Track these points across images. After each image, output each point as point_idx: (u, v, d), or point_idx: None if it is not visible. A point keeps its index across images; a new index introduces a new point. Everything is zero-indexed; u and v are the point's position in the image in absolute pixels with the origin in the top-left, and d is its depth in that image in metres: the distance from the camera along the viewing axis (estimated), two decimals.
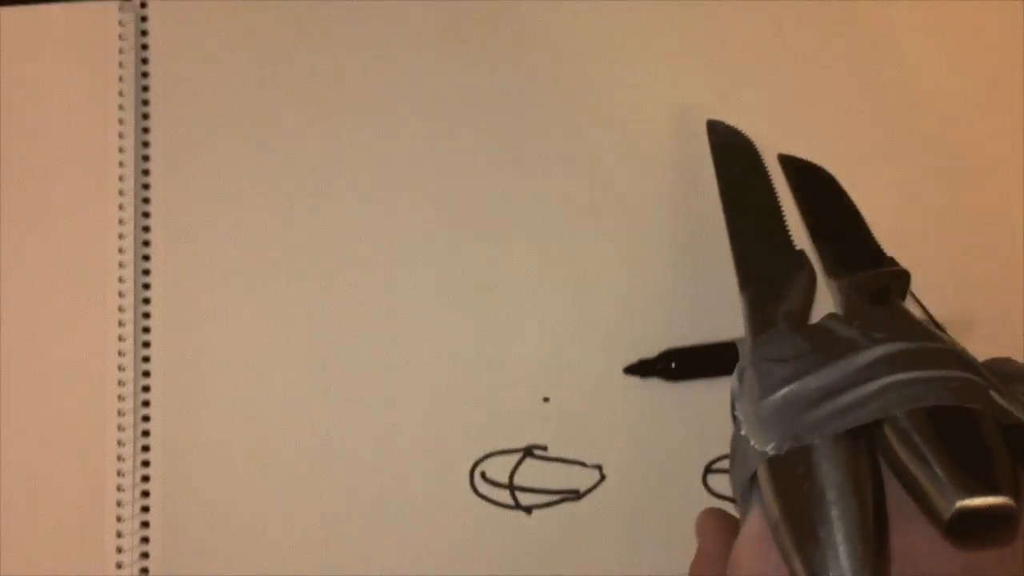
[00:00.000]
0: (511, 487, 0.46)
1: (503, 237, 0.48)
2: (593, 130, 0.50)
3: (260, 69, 0.50)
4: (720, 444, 0.46)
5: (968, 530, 0.28)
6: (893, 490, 0.30)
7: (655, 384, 0.47)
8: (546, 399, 0.47)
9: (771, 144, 0.48)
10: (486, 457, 0.46)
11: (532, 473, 0.46)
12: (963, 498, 0.28)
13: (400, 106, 0.50)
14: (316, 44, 0.50)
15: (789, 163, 0.47)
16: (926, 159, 0.49)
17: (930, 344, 0.33)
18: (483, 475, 0.46)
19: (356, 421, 0.46)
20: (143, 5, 0.50)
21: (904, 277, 0.41)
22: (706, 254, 0.48)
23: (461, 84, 0.50)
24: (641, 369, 0.47)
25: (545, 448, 0.46)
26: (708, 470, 0.46)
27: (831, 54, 0.50)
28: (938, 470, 0.29)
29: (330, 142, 0.49)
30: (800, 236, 0.44)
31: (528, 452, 0.46)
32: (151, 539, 0.45)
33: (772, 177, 0.47)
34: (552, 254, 0.48)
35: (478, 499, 0.46)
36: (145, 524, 0.45)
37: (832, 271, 0.43)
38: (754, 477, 0.32)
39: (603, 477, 0.46)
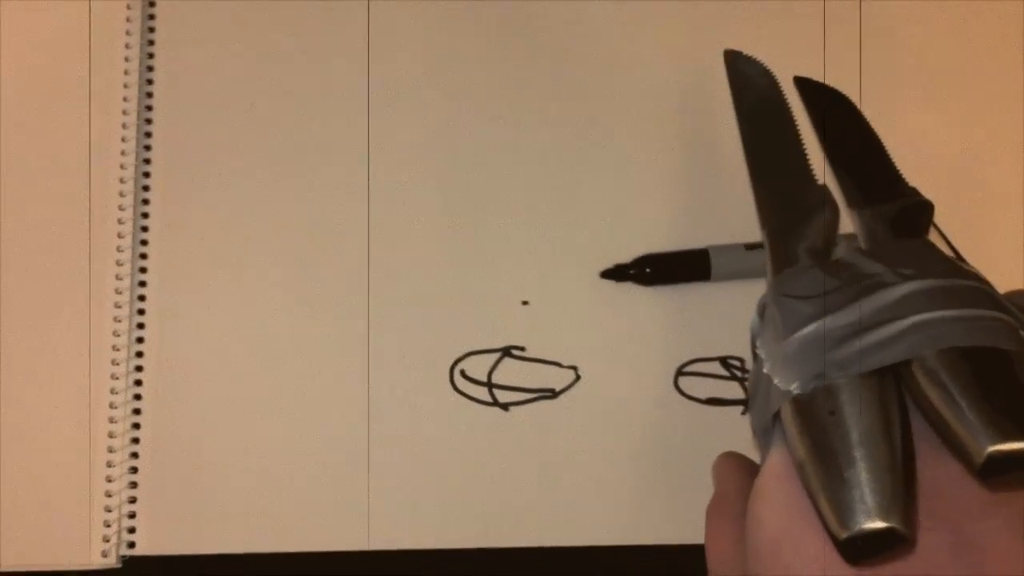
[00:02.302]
0: (489, 385, 0.48)
1: (484, 144, 0.49)
2: (579, 45, 0.51)
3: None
4: (691, 347, 0.48)
5: (1000, 472, 0.27)
6: (917, 425, 0.30)
7: (630, 288, 0.48)
8: (525, 302, 0.48)
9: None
10: (466, 356, 0.48)
11: (510, 372, 0.48)
12: (996, 442, 0.27)
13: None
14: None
15: (806, 86, 0.46)
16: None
17: (959, 281, 0.32)
18: (463, 373, 0.48)
19: (339, 322, 0.47)
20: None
21: (928, 208, 0.39)
22: (684, 163, 0.49)
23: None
24: (617, 273, 0.48)
25: (523, 349, 0.48)
26: (679, 372, 0.48)
27: None
28: (969, 413, 0.28)
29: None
30: (821, 167, 0.44)
31: (506, 352, 0.48)
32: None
33: (792, 106, 0.46)
34: (533, 161, 0.49)
35: (457, 395, 0.48)
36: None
37: (854, 202, 0.41)
38: (777, 415, 0.32)
39: (578, 377, 0.48)
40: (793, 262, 0.37)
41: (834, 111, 0.45)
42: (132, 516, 0.45)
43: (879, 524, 0.28)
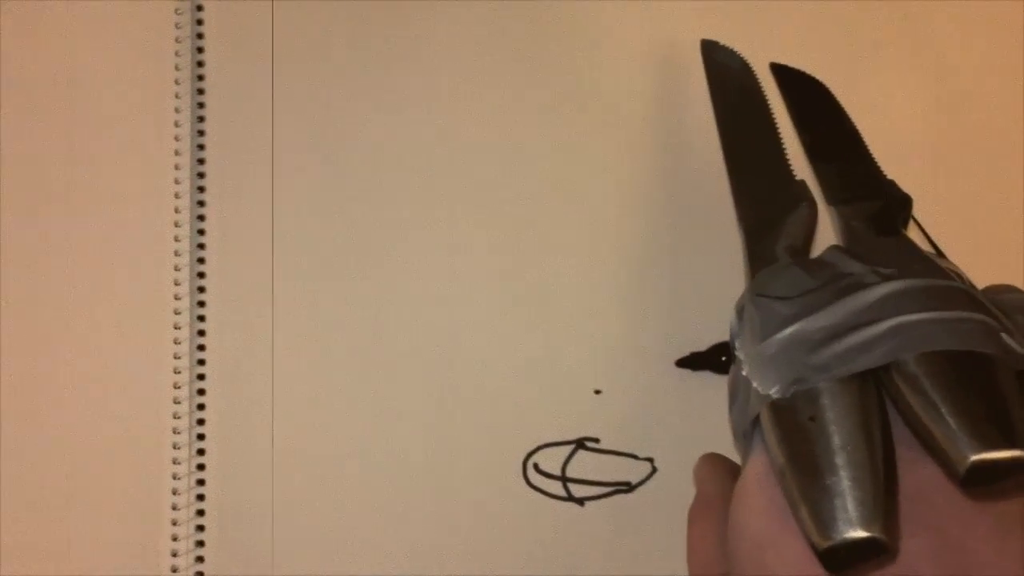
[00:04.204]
0: (564, 479, 0.47)
1: (554, 232, 0.49)
2: (645, 128, 0.51)
3: (314, 67, 0.51)
4: None
5: (983, 481, 0.27)
6: (897, 426, 0.30)
7: (706, 377, 0.47)
8: (598, 392, 0.47)
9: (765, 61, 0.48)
10: (539, 449, 0.47)
11: (584, 465, 0.47)
12: (978, 451, 0.27)
13: (456, 103, 0.51)
14: (371, 42, 0.52)
15: (783, 73, 0.45)
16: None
17: (940, 281, 0.31)
18: (536, 467, 0.47)
19: (410, 415, 0.47)
20: (199, 9, 0.52)
21: (907, 203, 0.39)
22: None
23: (514, 88, 0.51)
24: (692, 362, 0.47)
25: (597, 440, 0.47)
26: None
27: None
28: (950, 420, 0.27)
29: (385, 141, 0.51)
30: (799, 161, 0.42)
31: (580, 444, 0.47)
32: (206, 543, 0.46)
33: (769, 96, 0.45)
34: (603, 248, 0.49)
35: (531, 490, 0.47)
36: (200, 528, 0.46)
37: (832, 197, 0.41)
38: (757, 419, 0.32)
39: (655, 470, 0.46)
40: (771, 260, 0.37)
41: (811, 100, 0.44)
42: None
43: (861, 534, 0.27)
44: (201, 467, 0.47)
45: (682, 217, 0.49)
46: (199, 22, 0.52)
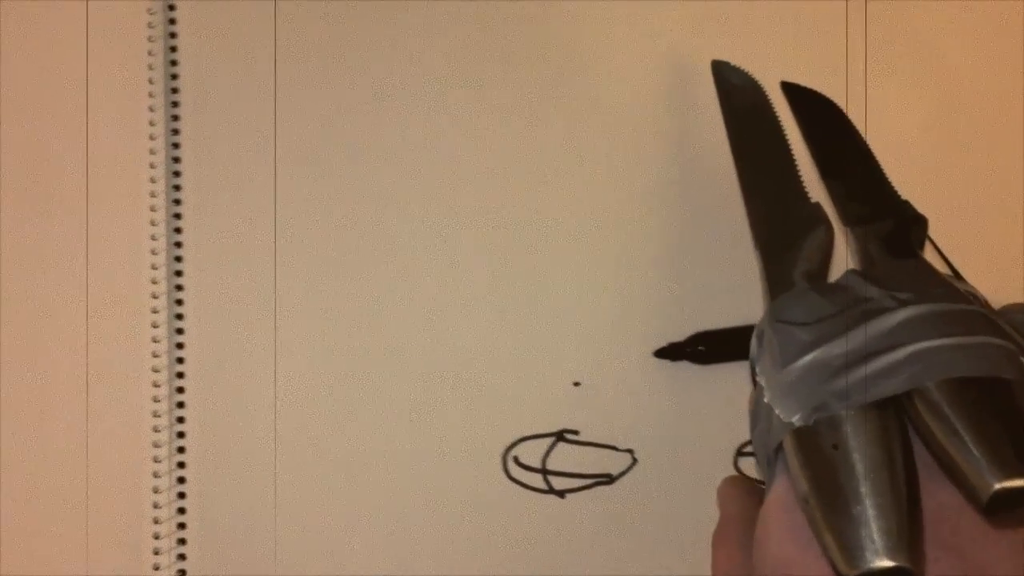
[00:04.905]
0: (544, 471, 0.46)
1: (533, 224, 0.49)
2: (635, 124, 0.50)
3: (287, 66, 0.51)
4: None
5: (1005, 507, 0.27)
6: (917, 449, 0.30)
7: (685, 367, 0.47)
8: (577, 383, 0.47)
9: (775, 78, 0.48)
10: (518, 442, 0.47)
11: (565, 457, 0.47)
12: (1001, 480, 0.27)
13: (431, 98, 0.51)
14: (351, 42, 0.51)
15: (794, 92, 0.45)
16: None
17: (958, 306, 0.32)
18: (516, 460, 0.47)
19: (389, 409, 0.47)
20: (172, 8, 0.51)
21: (922, 223, 0.39)
22: (737, 237, 0.47)
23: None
24: (671, 353, 0.47)
25: (577, 432, 0.47)
26: (739, 453, 0.46)
27: None
28: (973, 448, 0.28)
29: (361, 136, 0.50)
30: (812, 181, 0.42)
31: (560, 436, 0.47)
32: (188, 540, 0.46)
33: (781, 115, 0.45)
34: (581, 239, 0.49)
35: (511, 483, 0.46)
36: (182, 525, 0.46)
37: (847, 218, 0.41)
38: (779, 445, 0.32)
39: (635, 461, 0.46)
40: (789, 285, 0.37)
41: (823, 119, 0.44)
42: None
43: (887, 563, 0.27)
44: (181, 464, 0.46)
45: (661, 210, 0.49)
46: (172, 21, 0.51)
